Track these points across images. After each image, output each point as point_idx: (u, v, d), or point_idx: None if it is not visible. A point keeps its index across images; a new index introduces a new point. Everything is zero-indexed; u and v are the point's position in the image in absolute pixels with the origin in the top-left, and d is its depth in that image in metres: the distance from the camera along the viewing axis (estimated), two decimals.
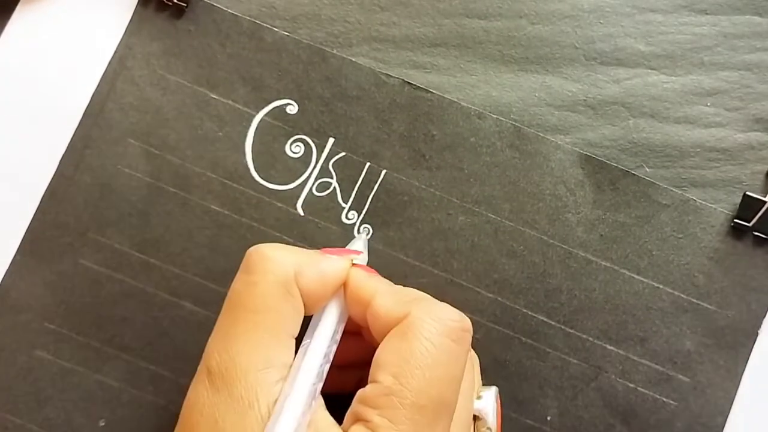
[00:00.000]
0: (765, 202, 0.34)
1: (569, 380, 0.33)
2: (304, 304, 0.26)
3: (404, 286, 0.29)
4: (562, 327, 0.34)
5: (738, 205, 0.34)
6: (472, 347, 0.28)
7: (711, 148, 0.35)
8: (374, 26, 0.35)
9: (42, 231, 0.34)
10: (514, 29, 0.36)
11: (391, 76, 0.35)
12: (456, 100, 0.35)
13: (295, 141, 0.35)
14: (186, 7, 0.35)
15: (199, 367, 0.26)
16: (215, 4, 0.35)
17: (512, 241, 0.34)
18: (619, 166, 0.35)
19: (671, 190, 0.34)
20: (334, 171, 0.34)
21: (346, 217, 0.34)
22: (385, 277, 0.29)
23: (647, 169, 0.35)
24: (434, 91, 0.35)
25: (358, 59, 0.35)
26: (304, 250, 0.28)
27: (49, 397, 0.33)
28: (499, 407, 0.29)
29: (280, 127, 0.35)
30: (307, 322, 0.27)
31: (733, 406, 0.33)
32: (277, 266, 0.26)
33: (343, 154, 0.34)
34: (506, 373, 0.33)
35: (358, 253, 0.29)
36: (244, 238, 0.34)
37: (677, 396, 0.33)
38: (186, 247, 0.34)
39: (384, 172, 0.34)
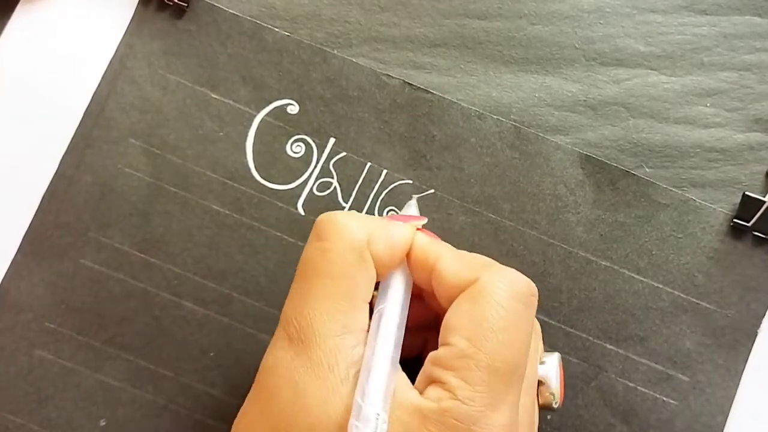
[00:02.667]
0: (764, 202, 0.34)
1: (569, 379, 0.33)
2: (376, 269, 0.26)
3: None
4: (562, 326, 0.34)
5: (737, 205, 0.34)
6: None
7: (710, 149, 0.35)
8: (374, 26, 0.35)
9: (42, 231, 0.34)
10: (514, 30, 0.36)
11: (391, 76, 0.35)
12: (456, 100, 0.35)
13: (295, 141, 0.35)
14: (187, 7, 0.35)
15: (276, 333, 0.26)
16: (216, 4, 0.35)
17: (512, 240, 0.34)
18: (619, 167, 0.35)
19: (671, 190, 0.34)
20: (335, 171, 0.34)
21: None
22: None
23: (647, 170, 0.35)
24: (435, 92, 0.35)
25: (358, 59, 0.35)
26: (372, 217, 0.28)
27: (49, 397, 0.33)
28: (562, 373, 0.29)
29: (280, 127, 0.35)
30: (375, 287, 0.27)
31: (733, 406, 0.33)
32: (349, 232, 0.26)
33: (343, 154, 0.34)
34: None
35: (422, 219, 0.29)
36: (244, 238, 0.34)
37: (677, 395, 0.33)
38: (186, 246, 0.34)
39: (384, 172, 0.34)
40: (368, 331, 0.26)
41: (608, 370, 0.33)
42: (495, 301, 0.25)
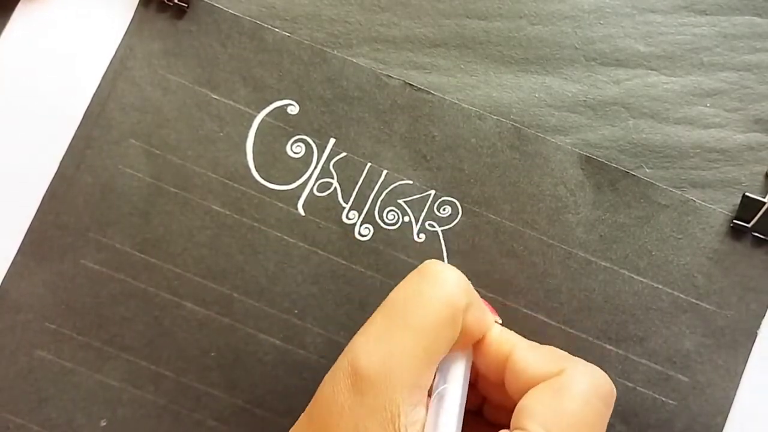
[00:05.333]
0: (764, 203, 0.34)
1: None
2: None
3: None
4: (562, 327, 0.34)
5: (737, 206, 0.34)
6: None
7: (710, 149, 0.35)
8: (374, 27, 0.35)
9: (43, 231, 0.34)
10: (515, 30, 0.36)
11: (392, 77, 0.35)
12: (456, 100, 0.35)
13: (296, 141, 0.35)
14: (187, 7, 0.35)
15: (340, 362, 0.25)
16: (216, 5, 0.35)
17: (512, 241, 0.34)
18: (619, 167, 0.35)
19: (671, 191, 0.34)
20: (335, 171, 0.34)
21: (347, 217, 0.34)
22: None
23: (647, 170, 0.35)
24: (435, 93, 0.35)
25: (358, 60, 0.35)
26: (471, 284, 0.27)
27: (49, 397, 0.33)
28: None
29: (281, 128, 0.35)
30: None
31: (732, 406, 0.33)
32: (454, 290, 0.25)
33: (344, 154, 0.35)
34: None
35: (498, 319, 0.29)
36: (244, 238, 0.34)
37: (677, 396, 0.33)
38: (187, 247, 0.34)
39: (385, 172, 0.34)
40: (429, 400, 0.25)
41: (608, 371, 0.33)
42: (579, 395, 0.24)
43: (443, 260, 0.34)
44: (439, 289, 0.25)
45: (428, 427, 0.24)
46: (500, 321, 0.29)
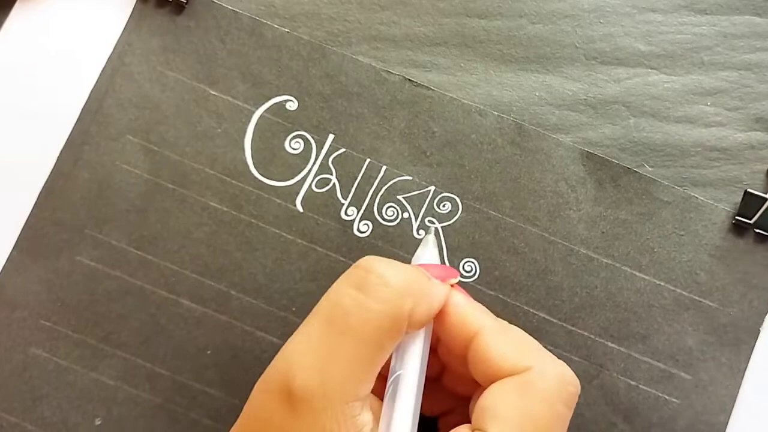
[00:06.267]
0: (766, 200, 0.34)
1: None
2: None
3: None
4: (564, 324, 0.33)
5: (738, 204, 0.34)
6: None
7: (711, 148, 0.35)
8: (374, 25, 0.35)
9: (39, 228, 0.34)
10: (515, 28, 0.36)
11: (391, 72, 0.35)
12: (455, 97, 0.35)
13: (294, 137, 0.34)
14: (185, 3, 0.35)
15: (273, 372, 0.24)
16: (215, 1, 0.35)
17: (513, 238, 0.34)
18: (620, 164, 0.34)
19: (673, 188, 0.34)
20: (334, 167, 0.34)
21: (346, 214, 0.34)
22: None
23: (648, 168, 0.35)
24: (434, 89, 0.35)
25: (357, 58, 0.35)
26: (411, 268, 0.26)
27: (44, 395, 0.33)
28: None
29: (279, 124, 0.34)
30: None
31: (735, 404, 0.33)
32: (395, 296, 0.24)
33: (342, 150, 0.34)
34: None
35: (456, 275, 0.28)
36: (242, 235, 0.34)
37: (679, 394, 0.33)
38: (184, 244, 0.34)
39: (384, 168, 0.34)
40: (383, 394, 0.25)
41: (610, 369, 0.33)
42: (543, 398, 0.24)
43: (443, 257, 0.34)
44: (380, 298, 0.24)
45: (383, 418, 0.24)
46: (457, 279, 0.27)
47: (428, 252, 0.29)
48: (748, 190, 0.34)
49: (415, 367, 0.25)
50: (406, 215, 0.34)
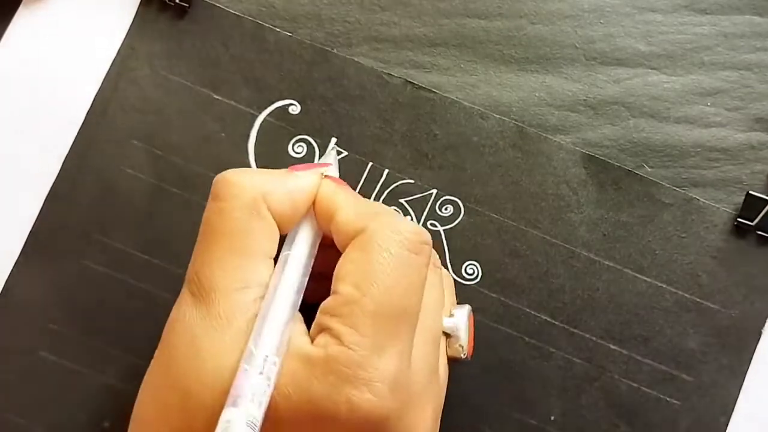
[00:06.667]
0: None
1: (573, 380, 0.33)
2: (278, 223, 0.26)
3: None
4: (566, 327, 0.34)
5: (739, 205, 0.34)
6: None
7: (711, 148, 0.35)
8: (374, 26, 0.35)
9: (45, 232, 0.34)
10: (515, 29, 0.36)
11: (393, 75, 0.35)
12: (457, 99, 0.35)
13: (297, 141, 0.35)
14: (188, 7, 0.35)
15: (180, 293, 0.26)
16: (217, 5, 0.35)
17: (515, 240, 0.34)
18: (621, 166, 0.35)
19: (674, 190, 0.34)
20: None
21: None
22: None
23: (648, 169, 0.35)
24: (436, 91, 0.35)
25: (358, 59, 0.35)
26: (272, 170, 0.28)
27: (52, 399, 0.33)
28: (472, 326, 0.29)
29: (282, 128, 0.35)
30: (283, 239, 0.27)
31: (736, 406, 0.33)
32: (242, 190, 0.26)
33: (345, 153, 0.34)
34: (510, 373, 0.33)
35: (327, 165, 0.29)
36: None
37: (681, 396, 0.33)
38: (189, 247, 0.33)
39: (386, 171, 0.34)
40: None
41: (612, 371, 0.33)
42: (380, 247, 0.25)
43: (445, 260, 0.34)
44: (228, 195, 0.26)
45: (269, 290, 0.25)
46: (331, 168, 0.29)
47: (327, 159, 0.31)
48: (750, 192, 0.34)
49: (301, 246, 0.27)
50: (408, 218, 0.34)
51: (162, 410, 0.25)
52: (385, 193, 0.34)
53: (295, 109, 0.35)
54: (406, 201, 0.34)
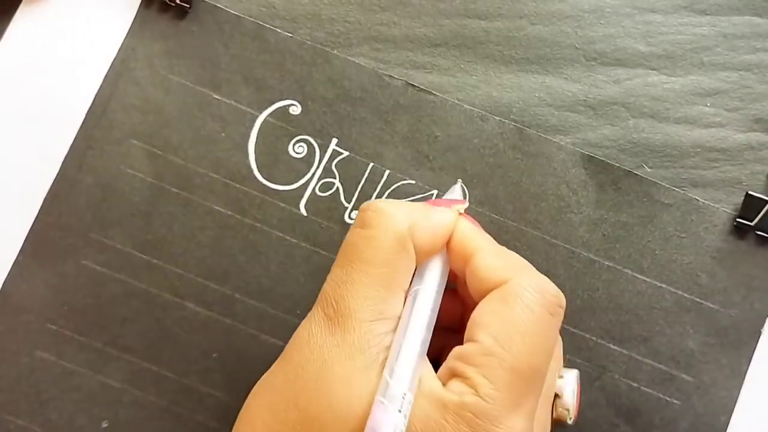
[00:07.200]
0: (767, 202, 0.34)
1: None
2: (416, 256, 0.27)
3: None
4: (566, 326, 0.34)
5: (738, 205, 0.34)
6: None
7: (711, 149, 0.35)
8: (374, 26, 0.35)
9: (44, 232, 0.34)
10: (515, 29, 0.36)
11: (394, 77, 0.35)
12: (456, 100, 0.35)
13: (298, 141, 0.35)
14: (189, 7, 0.35)
15: (313, 309, 0.26)
16: (218, 5, 0.35)
17: (515, 241, 0.34)
18: (621, 167, 0.35)
19: (673, 190, 0.34)
20: (337, 171, 0.34)
21: (349, 217, 0.34)
22: None
23: (647, 169, 0.35)
24: (437, 93, 0.35)
25: (358, 59, 0.35)
26: (415, 204, 0.28)
27: (51, 399, 0.33)
28: (579, 390, 0.29)
29: (283, 128, 0.35)
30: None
31: (736, 405, 0.33)
32: (392, 221, 0.26)
33: (346, 154, 0.34)
34: None
35: (464, 203, 0.29)
36: (246, 239, 0.34)
37: (681, 395, 0.33)
38: (188, 247, 0.34)
39: (387, 172, 0.34)
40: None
41: (612, 370, 0.33)
42: (524, 303, 0.25)
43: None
44: (379, 224, 0.26)
45: (400, 324, 0.25)
46: (464, 205, 0.29)
47: (453, 195, 0.31)
48: (749, 192, 0.34)
49: (432, 282, 0.27)
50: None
51: (279, 424, 0.25)
52: (386, 193, 0.34)
53: (295, 109, 0.35)
54: (407, 202, 0.34)
